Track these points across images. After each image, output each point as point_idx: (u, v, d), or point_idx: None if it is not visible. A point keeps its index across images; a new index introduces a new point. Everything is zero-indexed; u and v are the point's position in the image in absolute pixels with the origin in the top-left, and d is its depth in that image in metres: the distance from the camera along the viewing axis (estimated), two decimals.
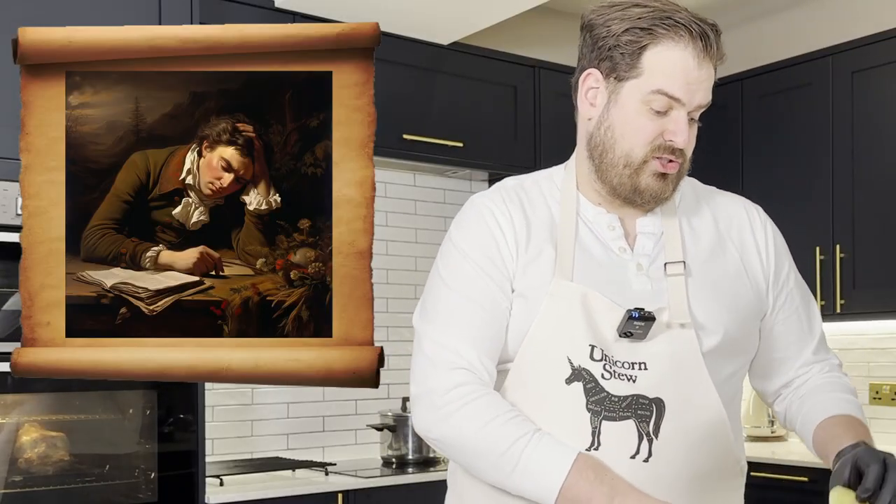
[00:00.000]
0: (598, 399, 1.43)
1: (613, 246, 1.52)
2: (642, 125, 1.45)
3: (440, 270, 1.55)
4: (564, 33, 4.55)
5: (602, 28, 1.49)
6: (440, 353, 1.48)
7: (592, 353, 1.45)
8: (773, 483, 3.58)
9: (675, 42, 1.43)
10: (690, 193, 1.59)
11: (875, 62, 3.78)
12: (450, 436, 1.45)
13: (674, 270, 1.50)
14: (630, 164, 1.47)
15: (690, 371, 1.48)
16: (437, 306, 1.52)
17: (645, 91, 1.44)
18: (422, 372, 1.50)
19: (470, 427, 1.42)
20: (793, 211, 3.89)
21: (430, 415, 1.47)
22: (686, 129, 1.45)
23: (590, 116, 1.52)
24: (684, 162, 1.49)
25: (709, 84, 1.46)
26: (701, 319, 1.49)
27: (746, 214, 1.61)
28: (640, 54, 1.44)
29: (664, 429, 1.44)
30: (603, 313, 1.46)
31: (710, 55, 1.45)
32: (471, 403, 1.43)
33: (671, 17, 1.43)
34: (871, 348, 4.07)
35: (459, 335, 1.48)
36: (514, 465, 1.39)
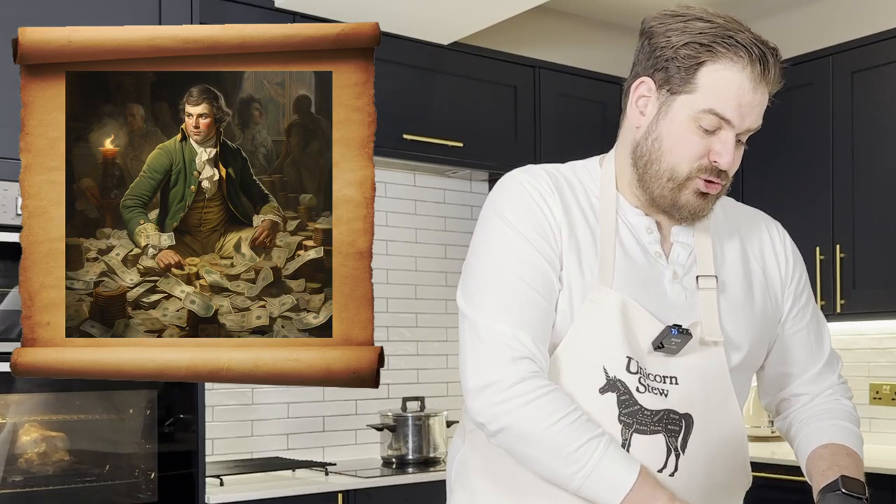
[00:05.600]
0: (630, 412, 1.44)
1: (650, 250, 1.51)
2: (689, 141, 1.44)
3: (486, 245, 1.50)
4: (564, 33, 4.56)
5: (661, 38, 1.45)
6: (499, 340, 1.43)
7: (629, 366, 1.44)
8: (773, 483, 3.58)
9: (733, 63, 1.40)
10: (718, 207, 1.59)
11: (875, 62, 3.78)
12: (517, 428, 1.41)
13: (706, 284, 1.51)
14: (674, 178, 1.46)
15: (717, 387, 1.49)
16: (487, 286, 1.47)
17: (696, 108, 1.42)
18: (482, 361, 1.44)
19: (539, 422, 1.39)
20: (793, 211, 3.89)
21: (494, 407, 1.42)
22: (732, 152, 1.43)
23: (638, 125, 1.50)
24: (726, 183, 1.48)
25: (761, 109, 1.45)
26: (730, 335, 1.50)
27: (767, 229, 1.63)
28: (696, 70, 1.42)
29: (690, 443, 1.46)
30: (640, 324, 1.46)
31: (767, 80, 1.43)
32: (540, 398, 1.40)
33: (734, 36, 1.41)
34: (871, 348, 4.07)
35: (515, 320, 1.43)
36: (581, 467, 1.38)
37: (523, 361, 1.42)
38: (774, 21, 4.38)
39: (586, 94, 4.23)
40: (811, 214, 3.92)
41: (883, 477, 3.33)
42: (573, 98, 4.20)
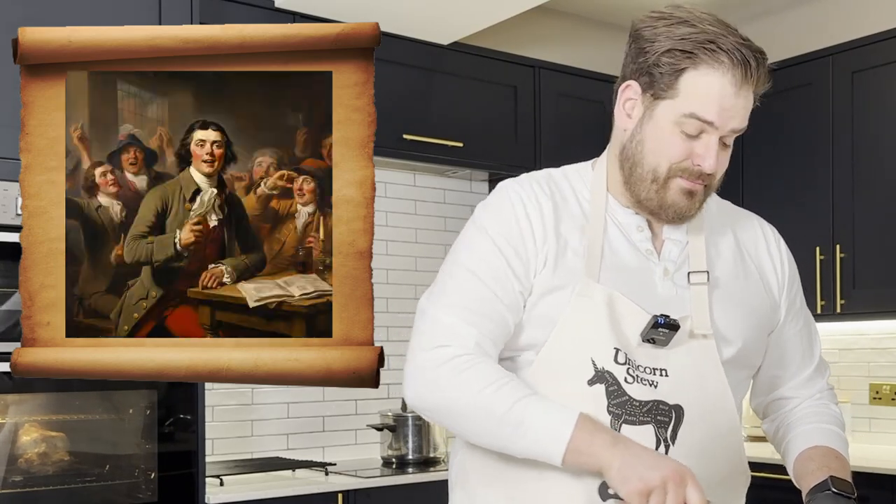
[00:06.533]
0: (619, 402, 1.44)
1: (641, 247, 1.52)
2: (672, 144, 1.45)
3: (457, 249, 1.54)
4: (564, 33, 4.56)
5: (646, 42, 1.46)
6: (437, 329, 1.47)
7: (616, 357, 1.45)
8: (773, 483, 3.57)
9: (713, 68, 1.41)
10: (714, 206, 1.60)
11: (875, 62, 3.78)
12: (444, 404, 1.45)
13: (697, 280, 1.52)
14: (657, 179, 1.47)
15: (710, 379, 1.50)
16: (445, 284, 1.51)
17: (678, 113, 1.44)
18: (414, 348, 1.49)
19: (465, 393, 1.42)
20: (793, 211, 3.89)
21: (421, 387, 1.47)
22: (714, 155, 1.45)
23: (625, 128, 1.51)
24: (710, 183, 1.50)
25: (745, 111, 1.46)
26: (721, 329, 1.51)
27: (762, 232, 1.64)
28: (678, 76, 1.43)
29: (681, 435, 1.46)
30: (628, 317, 1.47)
31: (750, 82, 1.44)
32: (464, 372, 1.42)
33: (715, 41, 1.42)
34: (871, 348, 4.07)
35: (460, 314, 1.46)
36: (516, 426, 1.38)
37: (451, 348, 1.44)
38: (774, 21, 4.38)
39: (586, 94, 4.23)
40: (811, 214, 3.92)
41: (883, 477, 3.33)
42: (573, 98, 4.20)
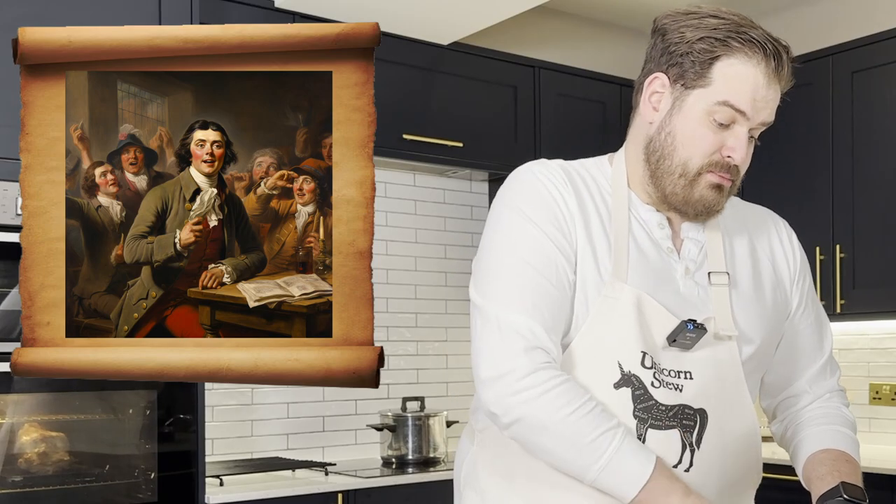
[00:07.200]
0: (645, 407, 1.44)
1: (663, 245, 1.52)
2: (703, 135, 1.45)
3: (499, 235, 1.49)
4: (564, 33, 4.56)
5: (675, 34, 1.47)
6: (511, 329, 1.42)
7: (643, 361, 1.45)
8: (773, 483, 3.57)
9: (748, 57, 1.43)
10: (727, 204, 1.60)
11: (875, 62, 3.78)
12: (531, 419, 1.40)
13: (718, 280, 1.51)
14: (686, 174, 1.47)
15: (731, 381, 1.50)
16: (499, 276, 1.46)
17: (711, 101, 1.44)
18: (494, 351, 1.43)
19: (554, 413, 1.39)
20: (793, 211, 3.87)
21: (508, 398, 1.41)
22: (745, 147, 1.46)
23: (651, 120, 1.50)
24: (737, 179, 1.50)
25: (774, 104, 1.48)
26: (742, 329, 1.51)
27: (774, 226, 1.64)
28: (711, 64, 1.43)
29: (705, 439, 1.46)
30: (655, 319, 1.46)
31: (780, 76, 1.46)
32: (554, 389, 1.39)
33: (747, 32, 1.43)
34: (871, 348, 4.07)
35: (527, 309, 1.42)
36: (597, 458, 1.37)
37: (536, 352, 1.41)
38: (774, 21, 4.38)
39: (586, 94, 4.23)
40: (811, 214, 3.92)
41: (883, 477, 3.33)
42: (573, 98, 4.20)
